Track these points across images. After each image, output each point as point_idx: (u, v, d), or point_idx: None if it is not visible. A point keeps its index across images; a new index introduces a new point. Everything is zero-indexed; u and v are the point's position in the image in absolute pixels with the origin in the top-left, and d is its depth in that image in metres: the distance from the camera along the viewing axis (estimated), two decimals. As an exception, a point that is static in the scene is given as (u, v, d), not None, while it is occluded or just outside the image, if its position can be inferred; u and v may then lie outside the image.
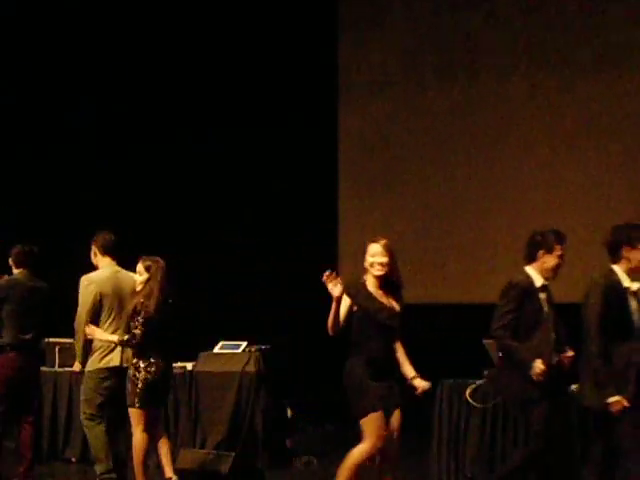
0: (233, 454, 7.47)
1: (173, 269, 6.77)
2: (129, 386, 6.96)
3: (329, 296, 5.87)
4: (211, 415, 8.43)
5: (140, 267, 7.09)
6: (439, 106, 11.42)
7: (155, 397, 7.03)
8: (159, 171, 11.97)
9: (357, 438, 5.89)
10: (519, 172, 11.02)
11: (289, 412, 8.78)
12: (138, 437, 6.96)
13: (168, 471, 7.15)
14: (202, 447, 8.25)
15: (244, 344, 8.55)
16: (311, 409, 9.81)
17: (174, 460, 7.56)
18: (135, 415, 6.97)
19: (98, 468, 7.19)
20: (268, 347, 8.61)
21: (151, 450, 7.19)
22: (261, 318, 10.52)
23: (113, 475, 7.16)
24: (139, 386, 6.92)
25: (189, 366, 8.71)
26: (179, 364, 8.81)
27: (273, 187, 11.83)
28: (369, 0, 11.93)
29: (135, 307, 6.95)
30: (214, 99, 12.00)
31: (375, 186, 11.69)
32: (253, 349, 8.52)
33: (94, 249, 7.49)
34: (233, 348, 8.57)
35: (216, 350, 8.67)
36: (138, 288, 7.10)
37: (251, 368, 8.39)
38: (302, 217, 11.57)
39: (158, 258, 7.12)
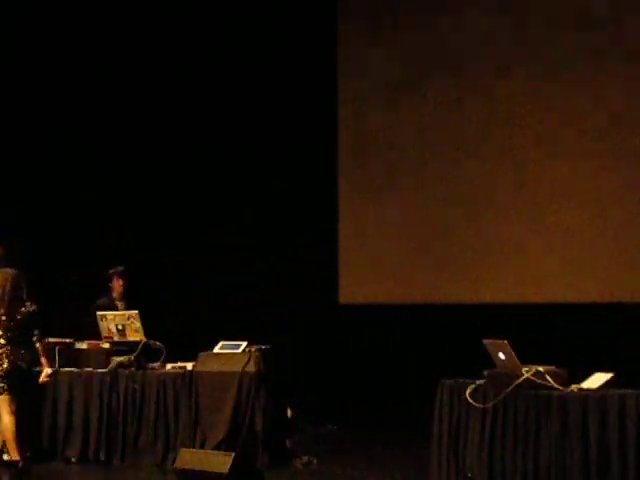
0: (233, 454, 7.45)
1: (173, 269, 6.82)
2: None
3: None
4: (211, 415, 8.42)
5: None
6: (439, 106, 11.42)
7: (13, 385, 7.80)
8: (159, 171, 11.97)
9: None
10: (520, 171, 11.02)
11: (289, 412, 8.77)
12: (6, 419, 7.80)
13: (14, 455, 7.83)
14: (202, 447, 8.23)
15: (244, 344, 8.55)
16: (311, 409, 9.80)
17: (173, 460, 7.62)
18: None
19: None
20: (268, 347, 8.60)
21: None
22: (261, 318, 10.52)
23: None
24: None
25: (189, 366, 8.70)
26: (179, 364, 8.81)
27: (273, 187, 11.82)
28: (369, 0, 11.93)
29: None
30: (214, 99, 11.99)
31: (375, 186, 11.69)
32: (253, 349, 8.51)
33: None
34: (233, 348, 8.57)
35: (216, 350, 8.66)
36: None
37: (251, 368, 8.38)
38: (302, 217, 11.56)
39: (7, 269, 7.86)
